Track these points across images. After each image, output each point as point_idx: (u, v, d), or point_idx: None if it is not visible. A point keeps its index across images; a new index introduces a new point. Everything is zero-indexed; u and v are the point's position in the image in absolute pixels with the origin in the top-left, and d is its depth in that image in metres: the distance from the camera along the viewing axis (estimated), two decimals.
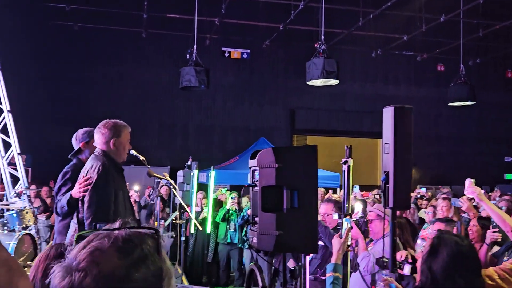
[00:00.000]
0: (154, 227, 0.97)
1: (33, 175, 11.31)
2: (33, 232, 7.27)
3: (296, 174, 2.61)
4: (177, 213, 5.97)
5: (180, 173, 8.39)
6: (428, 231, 5.44)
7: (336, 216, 3.47)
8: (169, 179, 4.85)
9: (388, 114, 2.60)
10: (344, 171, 3.24)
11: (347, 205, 3.24)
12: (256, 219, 2.69)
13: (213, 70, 13.19)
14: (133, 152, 4.51)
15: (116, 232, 0.92)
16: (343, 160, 3.23)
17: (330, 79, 10.54)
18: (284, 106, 15.65)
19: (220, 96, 15.07)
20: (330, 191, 9.79)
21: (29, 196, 8.57)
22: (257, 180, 2.69)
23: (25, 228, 7.21)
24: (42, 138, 12.95)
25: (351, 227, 2.95)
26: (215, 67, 14.23)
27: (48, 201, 9.19)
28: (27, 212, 7.31)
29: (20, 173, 9.34)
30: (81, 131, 3.85)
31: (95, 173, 3.23)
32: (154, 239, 0.93)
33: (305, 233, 2.61)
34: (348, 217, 3.03)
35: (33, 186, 9.45)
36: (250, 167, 2.82)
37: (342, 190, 3.29)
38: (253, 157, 2.76)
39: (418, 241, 5.52)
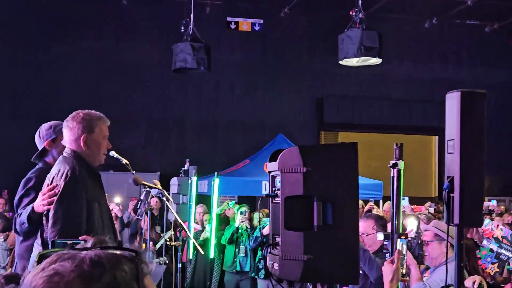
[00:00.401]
0: (134, 248, 0.98)
1: None
2: None
3: (330, 181, 2.65)
4: (171, 232, 6.03)
5: (174, 181, 8.45)
6: (491, 228, 5.49)
7: (381, 236, 3.47)
8: (161, 188, 4.89)
9: (452, 101, 2.59)
10: (393, 176, 3.25)
11: (396, 222, 3.23)
12: (278, 239, 2.72)
13: (216, 47, 13.17)
14: (113, 153, 4.55)
15: (84, 252, 0.93)
16: (392, 162, 3.24)
17: (370, 57, 10.52)
18: (308, 93, 15.63)
19: (226, 80, 15.09)
20: (370, 203, 9.75)
21: None
22: (278, 189, 2.72)
23: None
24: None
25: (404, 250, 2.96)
26: (219, 42, 14.23)
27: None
28: None
29: None
30: (45, 126, 3.91)
31: (62, 180, 3.27)
32: (133, 263, 0.94)
33: (343, 258, 2.65)
34: (403, 237, 3.03)
35: None
36: (270, 172, 2.87)
37: (388, 203, 3.29)
38: (273, 159, 2.80)
39: (484, 242, 5.55)
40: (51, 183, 3.31)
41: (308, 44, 15.53)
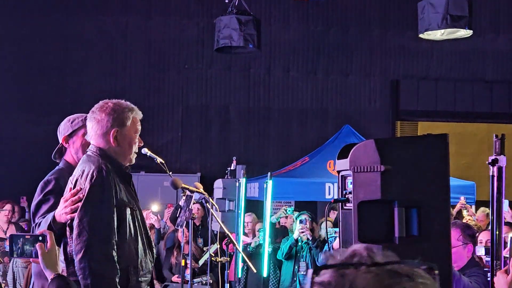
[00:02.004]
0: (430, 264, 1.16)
1: None
2: None
3: (415, 182, 2.66)
4: (217, 246, 6.05)
5: (218, 184, 8.50)
6: None
7: (482, 250, 3.43)
8: (204, 192, 4.92)
9: None
10: (492, 176, 3.22)
11: (497, 232, 3.20)
12: None
13: (267, 20, 13.18)
14: (146, 151, 4.61)
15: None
16: (491, 158, 3.22)
17: (458, 28, 10.33)
18: (381, 75, 15.50)
19: (279, 61, 15.10)
20: (462, 201, 9.49)
21: None
22: (350, 192, 2.74)
23: None
24: (9, 132, 13.41)
25: None
26: (270, 15, 14.24)
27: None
28: None
29: None
30: (66, 119, 4.01)
31: (87, 182, 3.33)
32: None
33: None
34: None
35: (7, 206, 9.63)
36: (339, 172, 2.86)
37: (483, 210, 3.26)
38: (343, 155, 2.81)
39: None
40: (74, 187, 3.38)
41: (379, 14, 15.37)
